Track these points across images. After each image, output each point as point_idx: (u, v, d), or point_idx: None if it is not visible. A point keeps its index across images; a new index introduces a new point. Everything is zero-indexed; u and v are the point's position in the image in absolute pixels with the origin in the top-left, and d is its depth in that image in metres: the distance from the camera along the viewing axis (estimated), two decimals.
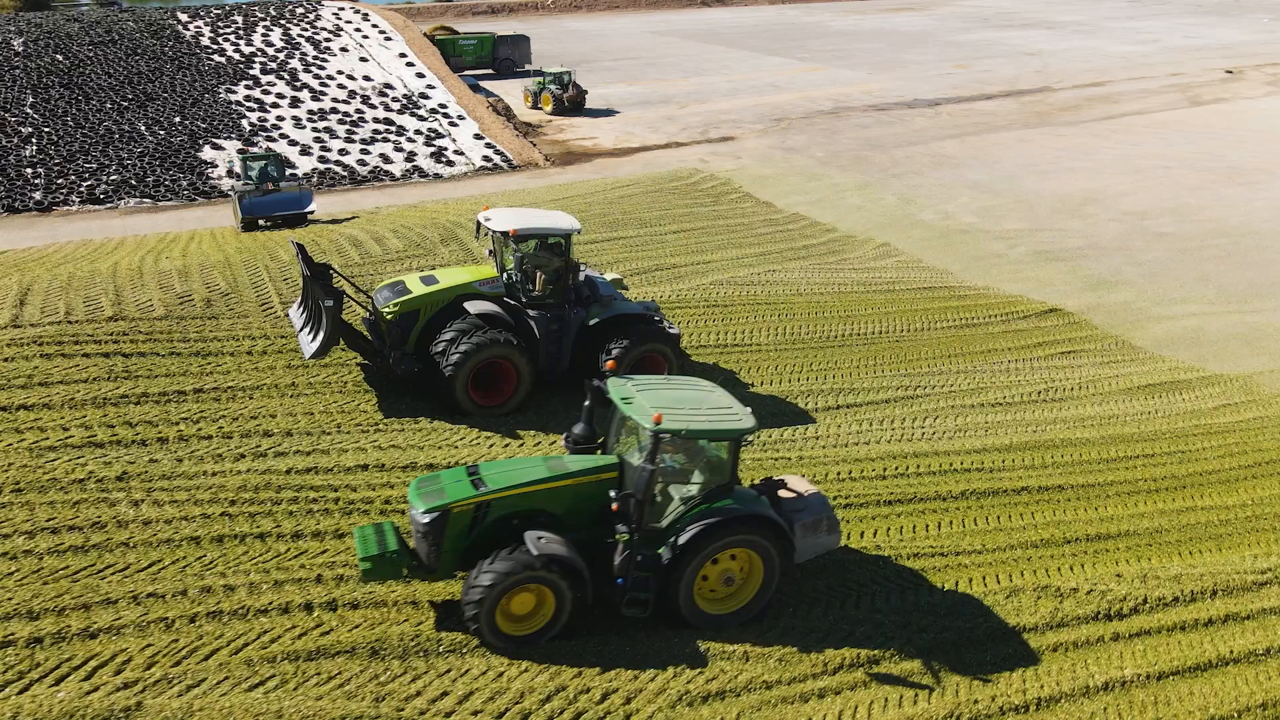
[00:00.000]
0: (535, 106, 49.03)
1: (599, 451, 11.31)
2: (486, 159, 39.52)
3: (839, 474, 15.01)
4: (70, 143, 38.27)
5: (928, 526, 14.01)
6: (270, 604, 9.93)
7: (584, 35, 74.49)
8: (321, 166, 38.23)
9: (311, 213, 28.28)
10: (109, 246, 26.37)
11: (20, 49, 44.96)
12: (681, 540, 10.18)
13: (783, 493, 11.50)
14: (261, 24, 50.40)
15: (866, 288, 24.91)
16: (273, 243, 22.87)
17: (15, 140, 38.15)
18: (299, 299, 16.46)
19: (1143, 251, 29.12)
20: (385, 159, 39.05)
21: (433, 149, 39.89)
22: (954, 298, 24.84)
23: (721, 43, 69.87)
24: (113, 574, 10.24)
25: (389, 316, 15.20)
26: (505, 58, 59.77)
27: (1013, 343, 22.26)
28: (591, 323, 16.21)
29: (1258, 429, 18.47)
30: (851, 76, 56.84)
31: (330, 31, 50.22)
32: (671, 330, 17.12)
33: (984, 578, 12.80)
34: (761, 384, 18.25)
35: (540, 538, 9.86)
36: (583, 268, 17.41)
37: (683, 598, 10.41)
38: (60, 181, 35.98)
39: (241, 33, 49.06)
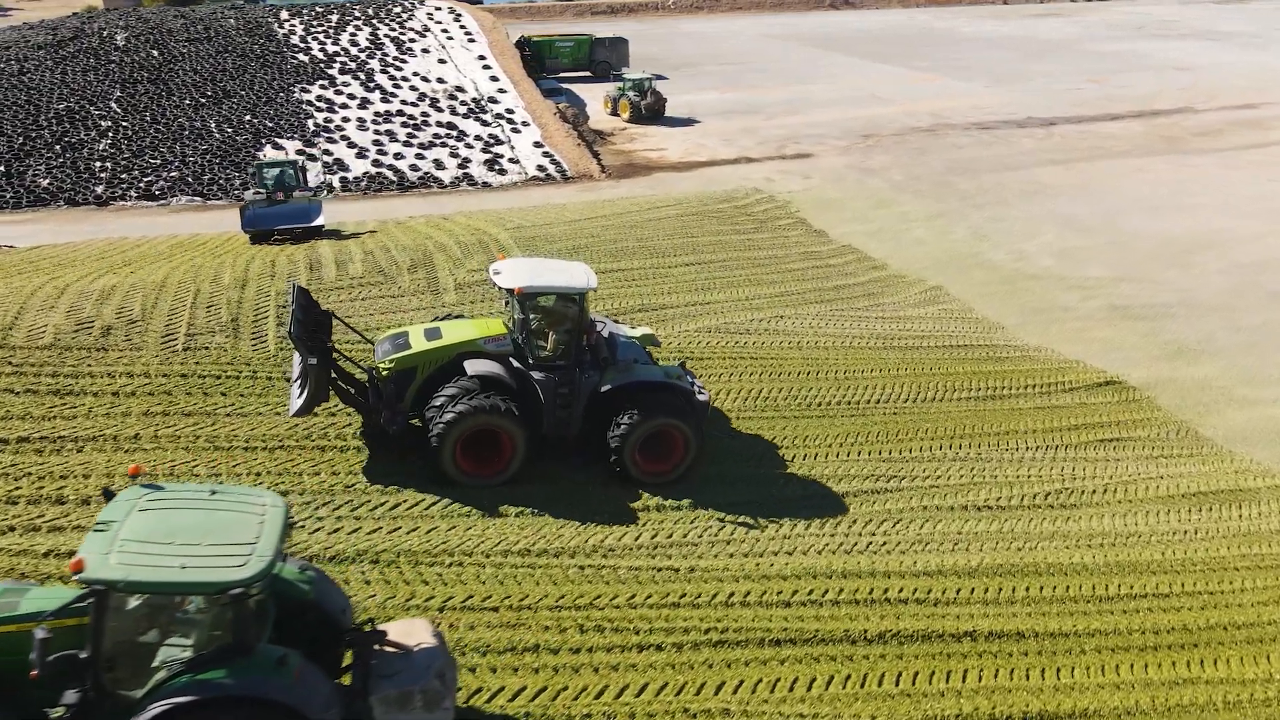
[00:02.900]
0: (614, 113, 47.23)
1: None
2: (541, 168, 37.97)
3: (728, 596, 12.38)
4: (142, 138, 39.07)
5: (812, 681, 11.23)
6: None
7: (695, 37, 72.17)
8: (374, 170, 37.61)
9: (320, 226, 27.09)
10: (116, 249, 26.14)
11: (121, 43, 46.55)
12: None
13: (387, 646, 8.63)
14: (354, 23, 50.59)
15: (886, 342, 21.79)
16: (230, 260, 21.89)
17: (93, 134, 39.27)
18: None
19: (1246, 314, 24.59)
20: (438, 165, 38.08)
21: (488, 156, 38.65)
22: (990, 360, 21.39)
23: (836, 48, 66.14)
24: None
25: (384, 373, 14.05)
26: (602, 60, 58.37)
27: (1043, 423, 18.74)
28: (603, 390, 14.49)
29: None
30: (964, 89, 52.34)
31: (417, 32, 49.90)
32: (700, 396, 15.22)
33: None
34: (697, 463, 15.64)
35: None
36: (604, 324, 15.74)
37: None
38: (124, 177, 36.69)
39: (331, 32, 49.35)
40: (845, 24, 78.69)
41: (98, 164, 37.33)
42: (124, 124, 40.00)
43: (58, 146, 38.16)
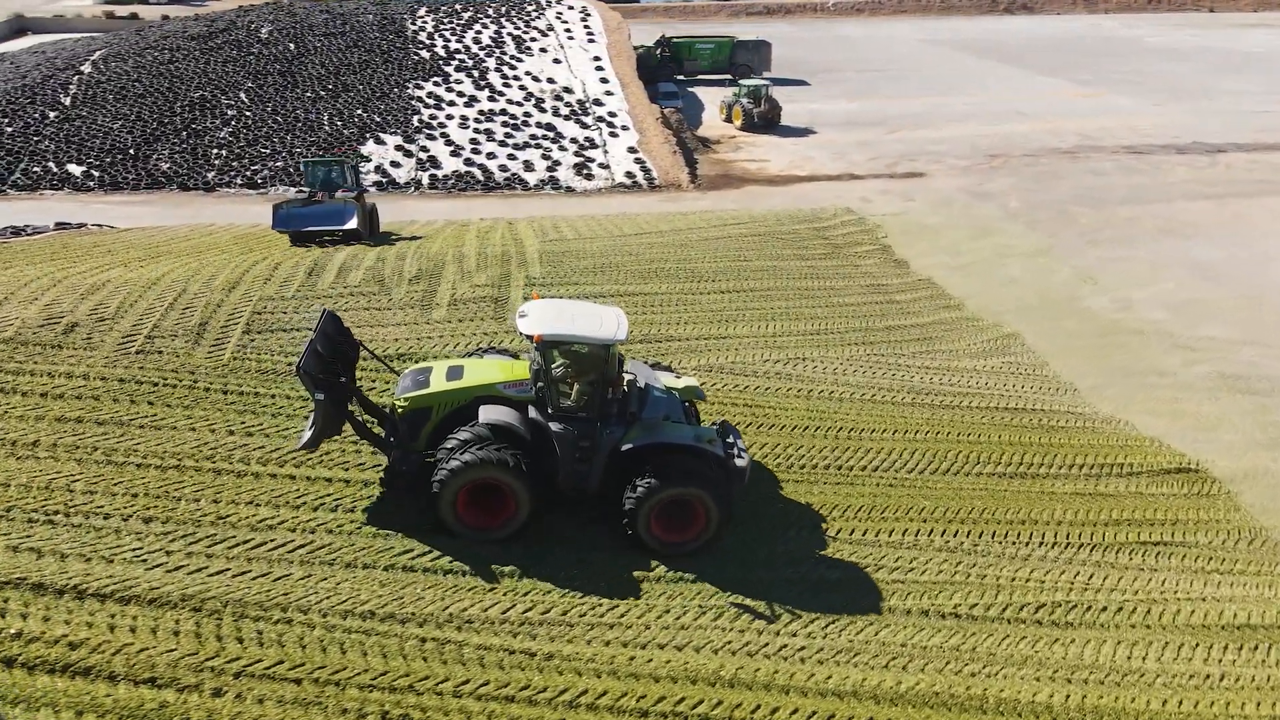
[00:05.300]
0: (727, 119, 45.44)
1: None
2: (629, 175, 36.77)
3: (578, 695, 10.67)
4: (260, 128, 40.66)
5: None
6: None
7: (847, 42, 68.95)
8: (464, 169, 37.54)
9: (357, 229, 26.37)
10: (181, 238, 26.92)
11: (264, 36, 48.80)
12: None
13: None
14: (482, 20, 51.03)
15: (918, 397, 19.21)
16: (245, 260, 21.86)
17: (218, 122, 41.20)
18: None
19: None
20: (528, 166, 37.59)
21: (579, 160, 37.81)
22: (1040, 428, 18.49)
23: (995, 57, 61.38)
24: None
25: (399, 411, 13.73)
26: (743, 63, 56.67)
27: (1076, 513, 15.83)
28: (624, 448, 13.56)
29: None
30: (1127, 106, 47.14)
31: (540, 31, 49.74)
32: (739, 461, 13.90)
33: None
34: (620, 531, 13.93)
35: None
36: (634, 373, 14.64)
37: None
38: (235, 165, 38.25)
39: (459, 29, 49.94)
40: (1016, 30, 73.17)
41: (214, 151, 39.09)
42: (248, 114, 41.79)
43: (184, 133, 40.27)
